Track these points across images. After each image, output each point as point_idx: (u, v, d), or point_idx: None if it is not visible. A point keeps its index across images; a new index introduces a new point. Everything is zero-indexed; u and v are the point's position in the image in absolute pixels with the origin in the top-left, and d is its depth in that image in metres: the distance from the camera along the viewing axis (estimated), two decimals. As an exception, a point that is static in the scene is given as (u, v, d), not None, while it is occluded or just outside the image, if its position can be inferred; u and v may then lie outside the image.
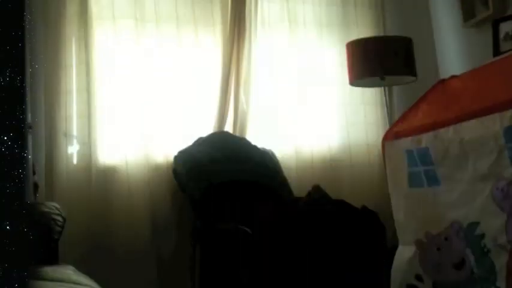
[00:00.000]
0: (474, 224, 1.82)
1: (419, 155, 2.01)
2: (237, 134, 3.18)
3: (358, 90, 3.51)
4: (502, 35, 3.04)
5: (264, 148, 3.16)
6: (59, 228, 2.10)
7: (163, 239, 2.91)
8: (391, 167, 2.16)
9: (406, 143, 2.07)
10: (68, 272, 1.88)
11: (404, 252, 2.10)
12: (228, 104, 3.17)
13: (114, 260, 2.75)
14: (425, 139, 1.99)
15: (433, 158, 1.95)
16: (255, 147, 3.11)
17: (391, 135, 2.18)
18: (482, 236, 1.78)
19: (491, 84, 1.92)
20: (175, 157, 2.91)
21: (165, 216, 2.94)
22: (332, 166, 3.41)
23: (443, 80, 2.21)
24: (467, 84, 2.07)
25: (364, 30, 3.59)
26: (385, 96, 3.40)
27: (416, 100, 2.21)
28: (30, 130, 2.61)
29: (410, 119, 2.16)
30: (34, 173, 2.57)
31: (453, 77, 2.18)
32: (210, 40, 3.21)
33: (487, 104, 1.78)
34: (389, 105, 3.43)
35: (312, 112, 3.41)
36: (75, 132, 2.86)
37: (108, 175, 2.86)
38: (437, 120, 1.99)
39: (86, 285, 1.76)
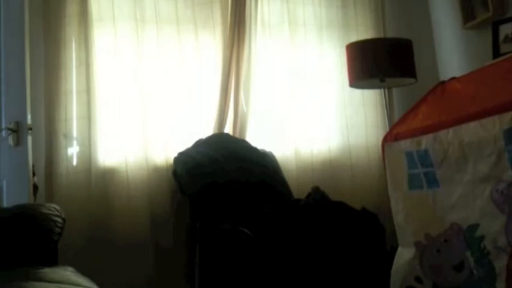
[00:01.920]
0: (474, 226, 1.82)
1: (419, 157, 2.01)
2: (237, 135, 3.18)
3: (358, 91, 3.51)
4: (501, 37, 3.05)
5: (263, 149, 3.16)
6: (58, 230, 2.10)
7: (163, 240, 2.91)
8: (391, 169, 2.17)
9: (406, 144, 2.08)
10: (68, 273, 1.88)
11: (404, 254, 2.10)
12: (228, 106, 3.17)
13: (113, 261, 2.75)
14: (425, 141, 1.99)
15: (433, 160, 1.95)
16: (254, 148, 3.11)
17: (390, 137, 2.18)
18: (482, 237, 1.78)
19: (491, 86, 1.92)
20: (175, 158, 2.91)
21: (164, 217, 2.94)
22: (332, 167, 3.41)
23: (443, 82, 2.21)
24: (466, 86, 2.07)
25: (364, 32, 3.59)
26: (385, 98, 3.40)
27: (416, 102, 2.21)
28: (30, 131, 2.63)
29: (410, 121, 2.16)
30: (34, 174, 2.57)
31: (453, 78, 2.19)
32: (210, 42, 3.21)
33: (487, 106, 1.78)
34: (389, 107, 3.43)
35: (311, 114, 3.41)
36: (75, 134, 2.85)
37: (107, 176, 2.86)
38: (436, 122, 1.99)
39: (85, 286, 1.76)
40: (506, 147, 1.68)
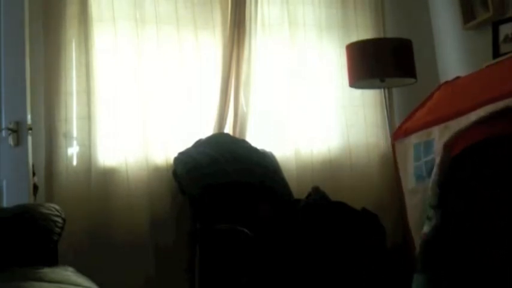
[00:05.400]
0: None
1: (425, 146, 2.01)
2: (237, 135, 3.18)
3: (358, 91, 3.51)
4: (501, 37, 3.05)
5: (263, 150, 3.16)
6: (58, 230, 2.10)
7: (163, 240, 2.91)
8: (403, 166, 2.17)
9: (416, 137, 2.08)
10: (68, 273, 1.88)
11: None
12: (228, 106, 3.16)
13: (113, 261, 2.74)
14: (435, 131, 1.99)
15: (435, 148, 1.96)
16: (255, 149, 3.11)
17: (400, 133, 2.18)
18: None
19: (499, 78, 1.94)
20: (175, 158, 2.91)
21: (164, 218, 2.94)
22: (332, 167, 3.40)
23: (447, 82, 2.22)
24: (474, 81, 2.08)
25: (364, 32, 3.59)
26: (385, 98, 3.40)
27: (424, 99, 2.22)
28: (30, 131, 2.63)
29: (419, 116, 2.16)
30: (34, 174, 2.57)
31: (458, 78, 2.19)
32: (210, 42, 3.20)
33: (495, 95, 1.79)
34: (389, 107, 3.43)
35: (311, 114, 3.41)
36: (75, 134, 2.85)
37: (107, 176, 2.85)
38: (446, 113, 2.00)
39: (85, 286, 1.76)
40: None
